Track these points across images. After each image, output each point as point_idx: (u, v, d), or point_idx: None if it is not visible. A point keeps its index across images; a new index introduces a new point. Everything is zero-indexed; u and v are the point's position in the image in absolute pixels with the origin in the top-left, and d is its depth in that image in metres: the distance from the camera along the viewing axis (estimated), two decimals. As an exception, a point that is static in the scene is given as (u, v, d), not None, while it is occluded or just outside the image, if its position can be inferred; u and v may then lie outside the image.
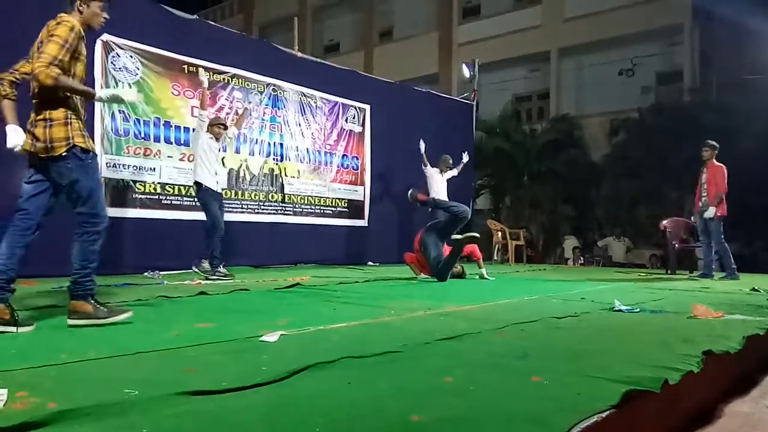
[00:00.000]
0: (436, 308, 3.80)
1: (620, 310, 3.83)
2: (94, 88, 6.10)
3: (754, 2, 11.76)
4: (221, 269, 5.93)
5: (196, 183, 5.92)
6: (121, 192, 6.49)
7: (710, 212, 7.20)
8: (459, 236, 6.10)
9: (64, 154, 2.82)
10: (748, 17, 11.65)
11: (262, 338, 2.59)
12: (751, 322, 3.22)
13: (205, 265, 5.95)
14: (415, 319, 3.35)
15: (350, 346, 2.38)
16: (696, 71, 15.61)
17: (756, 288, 5.39)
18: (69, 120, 2.86)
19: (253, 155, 7.96)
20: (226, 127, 6.33)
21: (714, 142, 7.42)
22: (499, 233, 11.38)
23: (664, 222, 9.14)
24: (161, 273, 6.20)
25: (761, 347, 2.95)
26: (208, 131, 6.03)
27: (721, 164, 7.30)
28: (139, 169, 6.67)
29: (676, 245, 8.85)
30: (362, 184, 9.39)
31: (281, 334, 2.66)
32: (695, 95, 14.68)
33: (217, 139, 6.09)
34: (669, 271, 8.80)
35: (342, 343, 2.53)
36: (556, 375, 1.99)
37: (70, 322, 2.83)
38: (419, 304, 3.96)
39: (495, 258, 11.46)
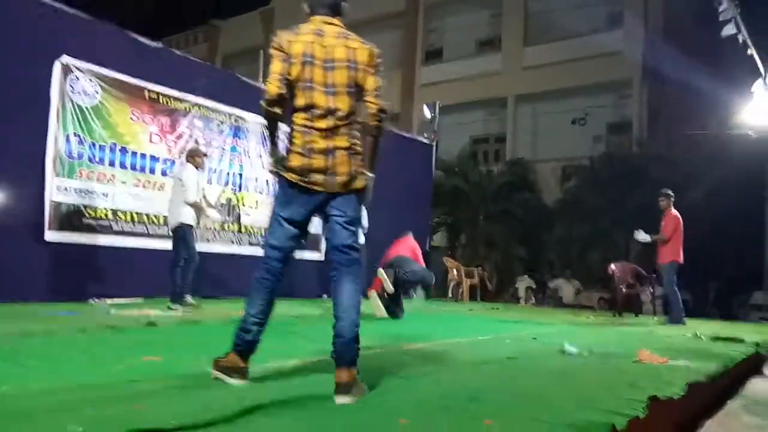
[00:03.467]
0: (391, 345, 3.81)
1: (570, 353, 3.91)
2: (50, 110, 6.06)
3: (698, 63, 12.53)
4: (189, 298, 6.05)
5: (181, 224, 5.94)
6: (71, 216, 6.28)
7: (640, 235, 7.49)
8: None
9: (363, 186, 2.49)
10: (693, 76, 12.40)
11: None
12: (694, 369, 3.33)
13: (188, 298, 6.01)
14: (369, 356, 3.32)
15: (305, 384, 2.36)
16: (644, 124, 16.40)
17: (698, 334, 5.58)
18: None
19: (211, 184, 7.86)
20: (205, 155, 6.50)
21: (668, 191, 7.55)
22: (455, 271, 11.49)
23: (613, 266, 9.42)
24: (108, 301, 6.00)
25: (703, 393, 3.05)
26: (189, 162, 6.13)
27: (675, 213, 7.39)
28: (91, 193, 6.50)
29: (624, 289, 9.11)
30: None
31: (233, 370, 2.61)
32: (643, 146, 15.40)
33: (197, 168, 6.17)
34: (616, 314, 9.03)
35: (297, 380, 2.50)
36: (507, 419, 2.01)
37: (343, 400, 2.18)
38: (374, 342, 3.94)
39: (449, 295, 11.54)
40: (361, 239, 6.89)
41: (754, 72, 9.19)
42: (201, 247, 7.61)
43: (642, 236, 7.50)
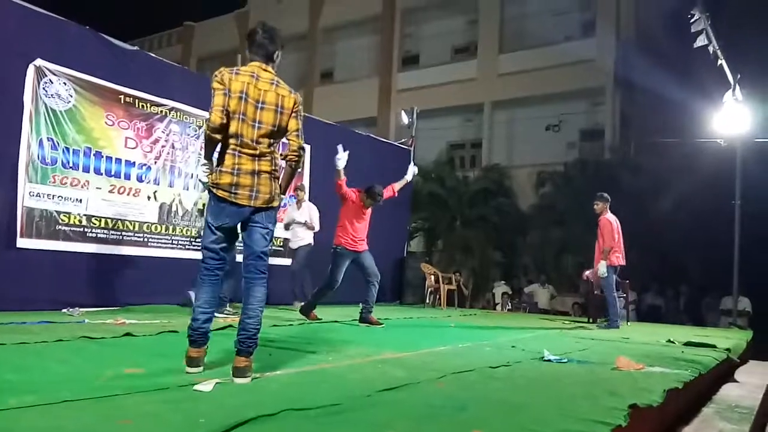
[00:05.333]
0: (373, 355, 3.81)
1: (549, 360, 3.96)
2: (23, 114, 5.92)
3: (669, 72, 12.84)
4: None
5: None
6: (44, 223, 6.14)
7: (601, 269, 7.23)
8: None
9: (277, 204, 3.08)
10: (664, 85, 12.69)
11: (196, 387, 2.50)
12: (670, 375, 3.41)
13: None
14: (353, 366, 3.34)
15: (290, 397, 2.34)
16: (616, 131, 16.71)
17: (671, 340, 5.69)
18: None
19: (187, 190, 7.76)
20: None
21: (605, 194, 7.54)
22: (432, 277, 11.53)
23: (587, 272, 9.53)
24: (81, 310, 5.87)
25: (679, 400, 3.12)
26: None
27: (608, 218, 7.41)
28: (64, 199, 6.36)
29: (598, 295, 9.23)
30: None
31: (216, 383, 2.59)
32: (615, 153, 15.69)
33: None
34: (590, 320, 9.16)
35: (281, 393, 2.49)
36: (494, 428, 2.04)
37: (241, 381, 2.71)
38: (356, 351, 3.95)
39: (427, 302, 11.57)
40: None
41: (724, 81, 9.44)
42: (176, 253, 7.53)
43: (602, 268, 7.22)
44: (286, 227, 8.36)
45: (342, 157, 6.05)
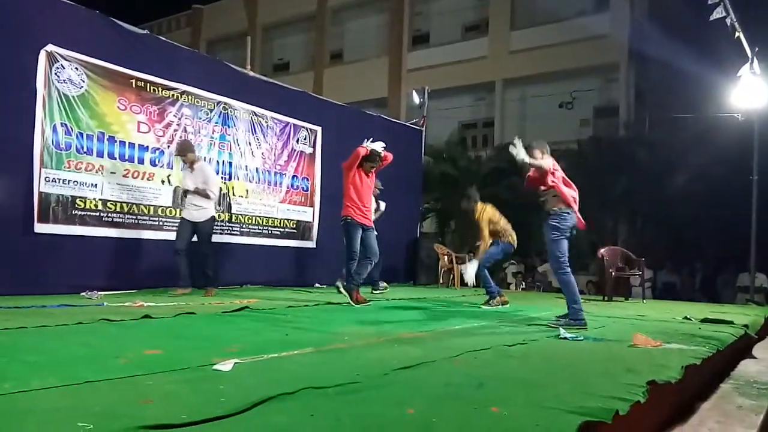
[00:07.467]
0: (388, 334, 3.82)
1: (565, 338, 3.96)
2: (36, 100, 5.95)
3: (685, 46, 12.59)
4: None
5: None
6: (60, 208, 6.21)
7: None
8: None
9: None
10: (679, 59, 12.46)
11: (216, 367, 2.53)
12: (688, 352, 3.39)
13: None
14: (370, 346, 3.35)
15: (308, 376, 2.36)
16: (630, 107, 16.48)
17: (688, 317, 5.66)
18: None
19: (201, 173, 7.78)
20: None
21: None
22: (446, 257, 11.53)
23: (602, 250, 9.50)
24: (100, 293, 5.95)
25: (697, 376, 3.11)
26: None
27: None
28: (80, 184, 6.41)
29: (613, 273, 9.21)
30: (312, 205, 9.34)
31: (235, 362, 2.61)
32: (629, 130, 15.49)
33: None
34: (606, 298, 9.14)
35: (299, 372, 2.51)
36: (513, 406, 2.04)
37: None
38: (372, 330, 3.97)
39: (441, 282, 11.59)
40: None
41: (741, 55, 9.24)
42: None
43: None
44: (184, 195, 6.76)
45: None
